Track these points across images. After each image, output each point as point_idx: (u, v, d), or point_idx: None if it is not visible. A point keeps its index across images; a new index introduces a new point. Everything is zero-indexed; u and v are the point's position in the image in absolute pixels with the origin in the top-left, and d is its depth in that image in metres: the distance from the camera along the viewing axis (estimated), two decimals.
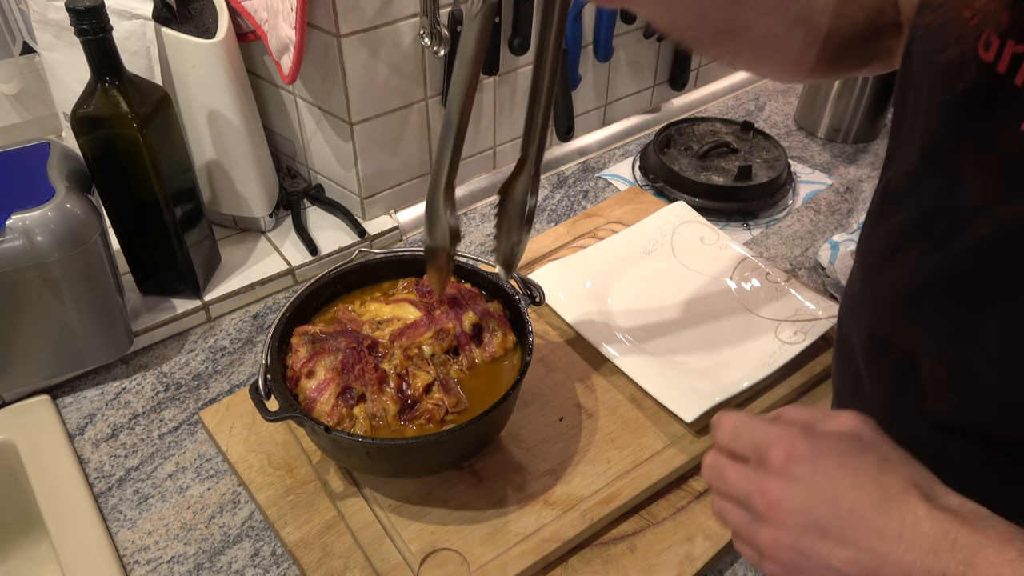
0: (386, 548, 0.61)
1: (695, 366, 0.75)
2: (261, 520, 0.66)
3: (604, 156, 1.13)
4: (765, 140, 1.10)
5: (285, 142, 0.99)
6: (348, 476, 0.67)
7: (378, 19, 0.81)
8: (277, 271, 0.88)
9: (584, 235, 0.94)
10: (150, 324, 0.81)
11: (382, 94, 0.86)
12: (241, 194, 0.90)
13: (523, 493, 0.65)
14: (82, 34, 0.67)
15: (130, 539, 0.65)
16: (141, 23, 0.79)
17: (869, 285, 0.52)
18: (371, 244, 0.94)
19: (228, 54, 0.81)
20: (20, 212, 0.65)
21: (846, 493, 0.39)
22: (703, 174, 1.03)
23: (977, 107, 0.41)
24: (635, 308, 0.82)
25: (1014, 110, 0.38)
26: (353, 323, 0.67)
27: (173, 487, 0.69)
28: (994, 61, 0.39)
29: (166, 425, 0.74)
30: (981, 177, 0.41)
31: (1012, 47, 0.38)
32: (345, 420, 0.61)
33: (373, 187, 0.94)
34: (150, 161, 0.72)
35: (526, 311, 0.68)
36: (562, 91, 1.03)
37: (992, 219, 0.40)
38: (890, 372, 0.51)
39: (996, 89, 0.39)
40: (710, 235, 0.90)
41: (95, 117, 0.70)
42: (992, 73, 0.39)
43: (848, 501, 0.39)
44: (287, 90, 0.91)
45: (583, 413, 0.72)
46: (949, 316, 0.45)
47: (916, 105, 0.46)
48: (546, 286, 0.72)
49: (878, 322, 0.52)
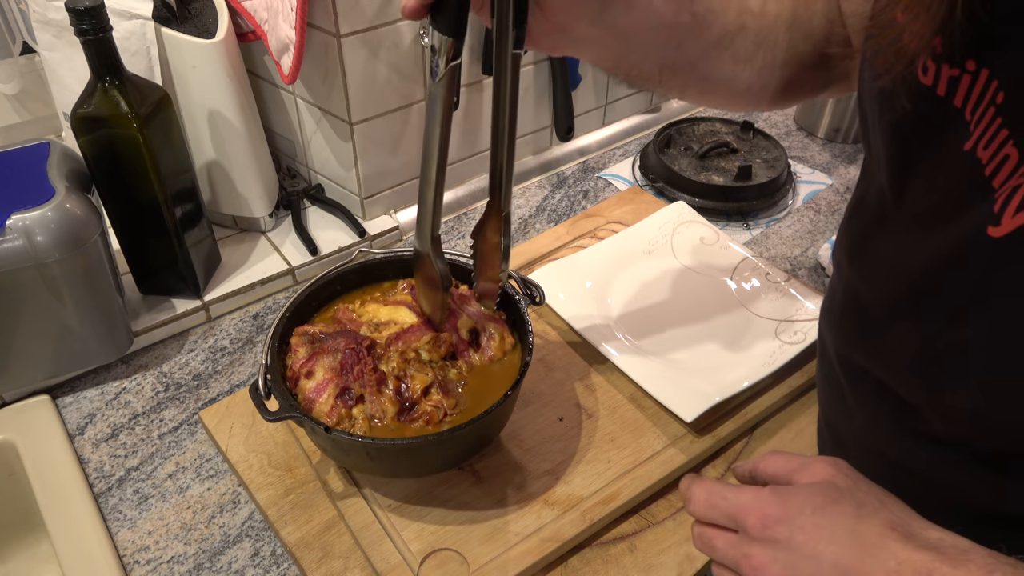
0: (386, 548, 0.61)
1: (695, 366, 0.75)
2: (261, 520, 0.66)
3: (604, 156, 1.13)
4: (765, 140, 1.10)
5: (285, 142, 0.99)
6: (348, 476, 0.67)
7: (378, 19, 0.81)
8: (277, 271, 0.88)
9: (584, 235, 0.94)
10: (150, 324, 0.81)
11: (382, 94, 0.86)
12: (241, 194, 0.90)
13: (523, 493, 0.65)
14: (82, 34, 0.67)
15: (130, 539, 0.65)
16: (141, 23, 0.79)
17: (843, 299, 0.53)
18: (371, 244, 0.94)
19: (228, 54, 0.81)
20: (20, 212, 0.65)
21: (826, 548, 0.39)
22: (703, 174, 1.03)
23: (923, 129, 0.41)
24: (635, 308, 0.82)
25: (958, 131, 0.39)
26: (352, 323, 0.67)
27: (173, 487, 0.69)
28: (933, 84, 0.40)
29: (166, 425, 0.74)
30: (934, 195, 0.42)
31: (947, 71, 0.39)
32: (344, 421, 0.61)
33: (373, 187, 0.94)
34: (150, 161, 0.72)
35: (526, 311, 0.68)
36: (562, 91, 1.03)
37: (945, 236, 0.40)
38: (866, 386, 0.51)
39: (939, 112, 0.40)
40: (710, 235, 0.90)
41: (95, 117, 0.70)
42: (933, 96, 0.40)
43: (829, 556, 0.39)
44: (287, 90, 0.91)
45: (583, 413, 0.72)
46: (912, 334, 0.45)
47: (872, 127, 0.47)
48: (546, 286, 0.72)
49: (850, 338, 0.52)
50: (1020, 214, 0.35)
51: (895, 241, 0.46)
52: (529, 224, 1.00)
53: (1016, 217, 0.35)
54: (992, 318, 0.39)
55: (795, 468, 0.44)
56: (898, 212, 0.45)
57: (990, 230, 0.36)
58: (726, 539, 0.44)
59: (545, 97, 1.04)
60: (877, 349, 0.49)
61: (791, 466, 0.45)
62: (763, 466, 0.47)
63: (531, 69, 1.00)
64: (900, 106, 0.42)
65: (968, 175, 0.38)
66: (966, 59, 0.38)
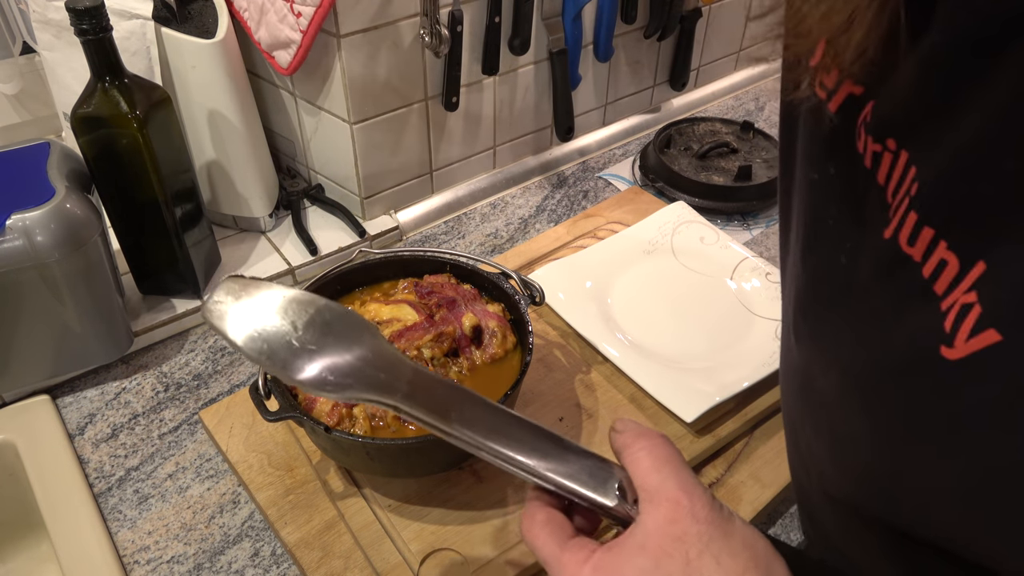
0: (386, 548, 0.61)
1: (695, 366, 0.75)
2: (261, 520, 0.66)
3: (604, 156, 1.13)
4: (765, 140, 1.10)
5: (285, 142, 0.99)
6: (348, 476, 0.67)
7: (378, 19, 0.81)
8: (277, 271, 0.88)
9: (584, 235, 0.94)
10: (150, 324, 0.81)
11: (382, 94, 0.86)
12: (241, 194, 0.90)
13: (523, 493, 0.65)
14: (82, 34, 0.67)
15: (130, 539, 0.65)
16: (141, 23, 0.79)
17: None
18: (371, 244, 0.94)
19: (228, 54, 0.81)
20: (20, 212, 0.65)
21: None
22: (703, 174, 1.03)
23: (848, 196, 0.37)
24: (635, 308, 0.82)
25: (882, 211, 0.33)
26: None
27: (173, 487, 0.69)
28: (863, 151, 0.34)
29: (166, 425, 0.74)
30: (856, 278, 0.36)
31: (871, 144, 0.34)
32: (345, 420, 0.61)
33: (373, 187, 0.94)
34: (150, 161, 0.72)
35: (526, 311, 0.68)
36: (562, 91, 1.03)
37: (889, 340, 0.34)
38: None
39: (866, 185, 0.34)
40: (710, 235, 0.90)
41: (95, 117, 0.70)
42: (860, 163, 0.35)
43: None
44: (287, 90, 0.91)
45: (583, 413, 0.72)
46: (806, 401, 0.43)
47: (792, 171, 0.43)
48: (546, 286, 0.72)
49: None
50: (974, 339, 0.28)
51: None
52: (529, 224, 1.00)
53: (970, 343, 0.28)
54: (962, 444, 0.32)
55: (649, 490, 0.38)
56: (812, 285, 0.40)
57: (943, 351, 0.29)
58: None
59: (545, 97, 1.04)
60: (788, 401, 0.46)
61: (647, 483, 0.38)
62: (629, 462, 0.40)
63: (531, 69, 1.00)
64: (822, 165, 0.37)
65: (896, 271, 0.32)
66: (886, 135, 0.32)
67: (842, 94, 0.36)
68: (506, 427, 0.41)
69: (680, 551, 0.35)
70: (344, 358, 0.43)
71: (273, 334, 0.42)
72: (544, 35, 0.98)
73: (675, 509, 0.36)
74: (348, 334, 0.44)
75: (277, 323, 0.42)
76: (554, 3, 0.97)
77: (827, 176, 0.38)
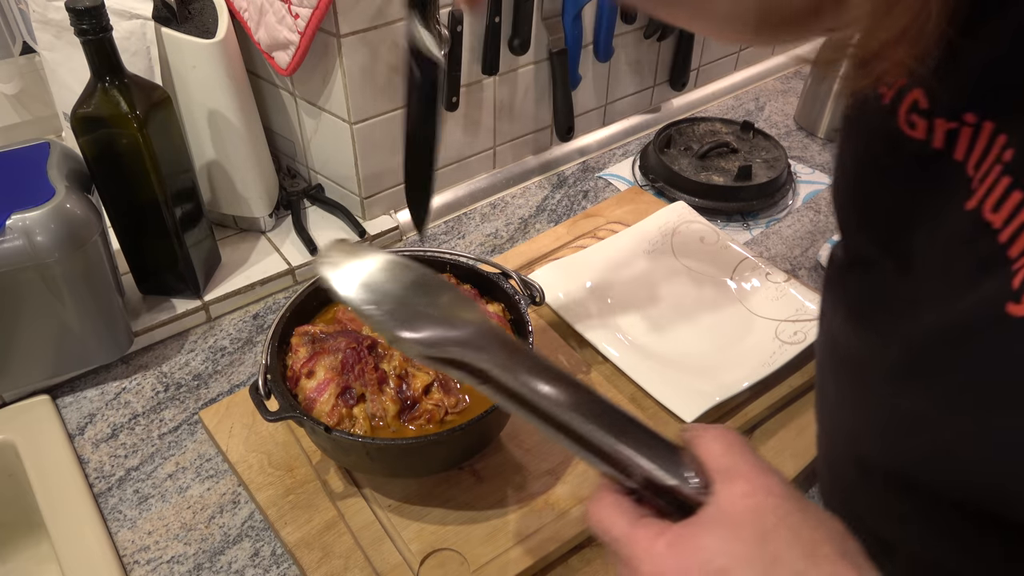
0: (386, 548, 0.61)
1: (695, 366, 0.75)
2: (261, 520, 0.66)
3: (604, 156, 1.13)
4: (765, 140, 1.10)
5: (285, 142, 0.99)
6: (348, 476, 0.67)
7: (378, 19, 0.81)
8: (277, 271, 0.88)
9: (584, 235, 0.94)
10: (150, 324, 0.81)
11: (382, 94, 0.86)
12: (241, 194, 0.90)
13: (523, 493, 0.65)
14: (82, 34, 0.67)
15: (130, 539, 0.65)
16: (141, 23, 0.79)
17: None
18: (371, 244, 0.94)
19: (228, 54, 0.81)
20: (20, 212, 0.65)
21: None
22: (703, 174, 1.03)
23: (918, 184, 0.38)
24: (635, 308, 0.82)
25: (958, 188, 0.35)
26: (353, 323, 0.67)
27: (173, 487, 0.69)
28: (927, 138, 0.36)
29: (166, 425, 0.74)
30: (933, 257, 0.38)
31: (943, 124, 0.35)
32: (345, 420, 0.61)
33: (373, 187, 0.94)
34: (150, 161, 0.72)
35: (526, 311, 0.68)
36: (562, 91, 1.03)
37: (948, 308, 0.36)
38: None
39: (935, 165, 0.36)
40: (710, 235, 0.90)
41: (95, 117, 0.70)
42: (928, 149, 0.36)
43: None
44: (287, 90, 0.92)
45: None
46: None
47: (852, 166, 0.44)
48: (546, 286, 0.72)
49: None
50: None
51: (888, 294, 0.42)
52: (529, 224, 1.00)
53: None
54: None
55: (722, 470, 0.37)
56: (891, 270, 0.42)
57: (1010, 307, 0.31)
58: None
59: (545, 97, 1.04)
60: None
61: (719, 465, 0.38)
62: (701, 448, 0.39)
63: (531, 69, 1.00)
64: (882, 156, 0.38)
65: (976, 240, 0.33)
66: (962, 111, 0.34)
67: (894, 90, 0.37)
68: (597, 409, 0.40)
69: (757, 522, 0.35)
70: (462, 330, 0.43)
71: (389, 294, 0.45)
72: (544, 35, 0.98)
73: (750, 484, 0.36)
74: (460, 303, 0.46)
75: (392, 285, 0.45)
76: (554, 3, 0.97)
77: (882, 164, 0.40)
